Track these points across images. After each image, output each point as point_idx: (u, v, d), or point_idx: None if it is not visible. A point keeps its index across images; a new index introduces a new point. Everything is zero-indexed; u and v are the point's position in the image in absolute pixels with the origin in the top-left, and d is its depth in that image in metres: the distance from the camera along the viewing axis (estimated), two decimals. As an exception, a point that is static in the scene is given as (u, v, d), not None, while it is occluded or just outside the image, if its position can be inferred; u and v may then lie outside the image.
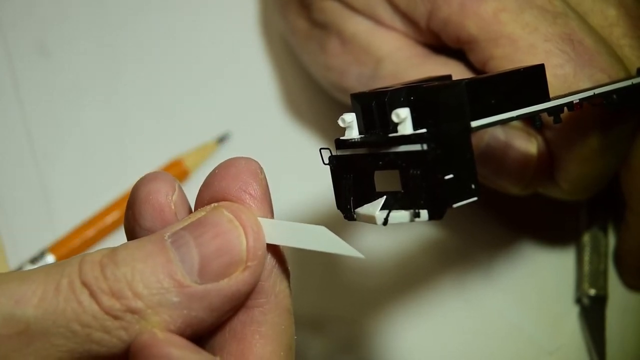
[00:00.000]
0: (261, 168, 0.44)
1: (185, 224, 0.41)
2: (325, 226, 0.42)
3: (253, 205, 0.43)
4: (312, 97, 0.70)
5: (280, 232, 0.42)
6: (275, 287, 0.43)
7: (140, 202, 0.43)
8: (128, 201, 0.44)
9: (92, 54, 0.73)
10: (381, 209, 0.42)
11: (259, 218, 0.42)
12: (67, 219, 0.67)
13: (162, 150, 0.69)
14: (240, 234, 0.41)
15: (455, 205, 0.41)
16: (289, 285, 0.44)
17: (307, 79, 0.68)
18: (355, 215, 0.44)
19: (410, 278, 0.64)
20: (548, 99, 0.45)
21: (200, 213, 0.42)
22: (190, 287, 0.40)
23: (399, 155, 0.42)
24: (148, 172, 0.66)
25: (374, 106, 0.44)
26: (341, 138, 0.45)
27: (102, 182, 0.69)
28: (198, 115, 0.71)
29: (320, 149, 0.44)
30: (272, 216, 0.43)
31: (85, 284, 0.39)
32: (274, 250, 0.43)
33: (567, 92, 0.48)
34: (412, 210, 0.41)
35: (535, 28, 0.53)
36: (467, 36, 0.55)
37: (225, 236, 0.41)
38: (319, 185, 0.49)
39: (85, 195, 0.68)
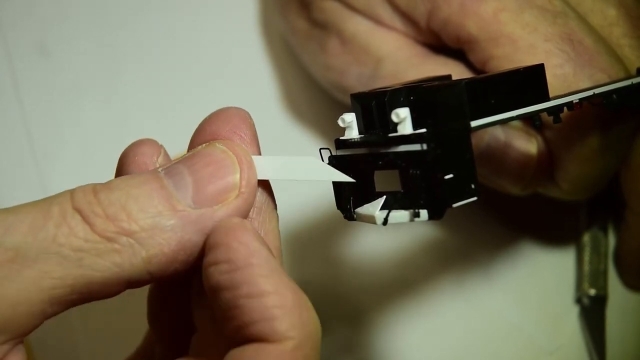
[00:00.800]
0: (250, 115, 0.46)
1: (179, 158, 0.42)
2: (325, 226, 0.42)
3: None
4: (312, 97, 0.70)
5: (270, 166, 0.43)
6: (265, 224, 0.44)
7: (127, 165, 0.44)
8: (117, 166, 0.45)
9: (92, 54, 0.73)
10: (381, 208, 0.42)
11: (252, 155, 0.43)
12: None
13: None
14: (234, 162, 0.42)
15: (455, 205, 0.41)
16: (278, 226, 0.44)
17: (307, 78, 0.68)
18: (355, 215, 0.44)
19: (410, 278, 0.65)
20: (548, 99, 0.45)
21: (195, 150, 0.43)
22: (184, 211, 0.40)
23: (398, 155, 0.42)
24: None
25: (373, 106, 0.44)
26: (341, 138, 0.45)
27: (102, 182, 0.69)
28: (198, 115, 0.71)
29: (320, 149, 0.44)
30: None
31: (77, 209, 0.39)
32: (263, 186, 0.44)
33: (566, 92, 0.48)
34: (412, 210, 0.41)
35: (535, 28, 0.53)
36: (467, 36, 0.55)
37: (219, 163, 0.42)
38: (319, 185, 0.49)
39: (85, 195, 0.68)
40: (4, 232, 0.38)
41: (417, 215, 0.41)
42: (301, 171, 0.43)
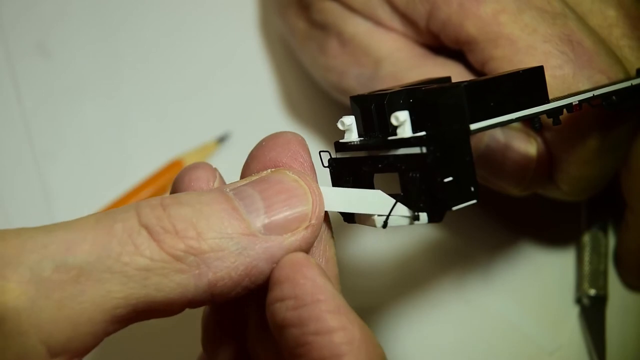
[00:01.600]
0: (305, 141, 0.44)
1: (247, 181, 0.41)
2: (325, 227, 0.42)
3: None
4: (312, 97, 0.70)
5: (337, 198, 0.43)
6: (325, 253, 0.43)
7: (184, 190, 0.44)
8: (171, 191, 0.44)
9: (92, 54, 0.73)
10: (380, 211, 0.42)
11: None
12: (67, 219, 0.66)
13: (162, 150, 0.69)
14: (307, 192, 0.41)
15: (454, 208, 0.41)
16: (335, 254, 0.44)
17: (307, 79, 0.68)
18: (355, 218, 0.44)
19: (410, 279, 0.64)
20: (547, 101, 0.45)
21: (261, 174, 0.42)
22: (255, 236, 0.39)
23: (398, 158, 0.42)
24: (148, 172, 0.67)
25: (373, 109, 0.44)
26: (340, 141, 0.45)
27: (102, 182, 0.69)
28: (198, 115, 0.71)
29: (320, 151, 0.44)
30: None
31: (144, 226, 0.38)
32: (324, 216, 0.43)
33: (566, 93, 0.48)
34: (411, 213, 0.41)
35: (535, 29, 0.53)
36: (467, 37, 0.55)
37: (292, 192, 0.41)
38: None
39: (85, 195, 0.68)
40: (66, 251, 0.37)
41: (417, 218, 0.41)
42: (367, 204, 0.42)
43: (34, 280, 0.37)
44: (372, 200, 0.42)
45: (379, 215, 0.42)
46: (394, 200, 0.42)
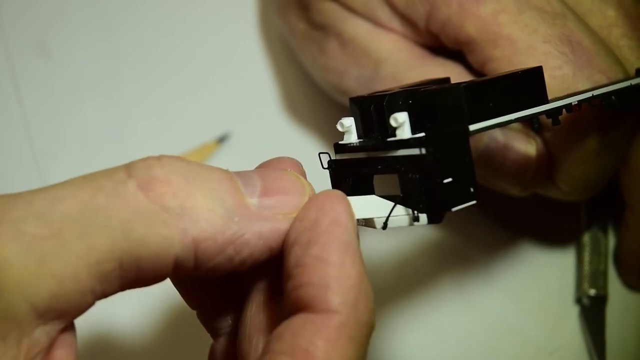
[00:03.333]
0: (301, 164, 0.44)
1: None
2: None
3: None
4: (312, 98, 0.70)
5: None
6: None
7: None
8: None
9: (92, 54, 0.73)
10: (380, 212, 0.42)
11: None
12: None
13: (162, 150, 0.68)
14: (305, 185, 0.41)
15: (454, 209, 0.41)
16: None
17: (307, 79, 0.68)
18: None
19: (409, 280, 0.65)
20: (547, 101, 0.45)
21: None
22: (247, 207, 0.39)
23: (397, 159, 0.42)
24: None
25: (372, 110, 0.44)
26: (340, 142, 0.45)
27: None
28: (198, 115, 0.71)
29: (320, 153, 0.44)
30: None
31: (134, 176, 0.38)
32: None
33: (565, 93, 0.48)
34: (411, 214, 0.41)
35: (534, 29, 0.53)
36: (466, 37, 0.55)
37: (291, 181, 0.41)
38: (319, 186, 0.49)
39: (85, 195, 0.68)
40: (50, 206, 0.37)
41: (417, 219, 0.41)
42: (364, 209, 0.42)
43: (16, 236, 0.36)
44: (369, 206, 0.42)
45: (378, 217, 0.42)
46: (388, 203, 0.42)
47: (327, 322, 0.38)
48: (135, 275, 0.38)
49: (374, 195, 0.43)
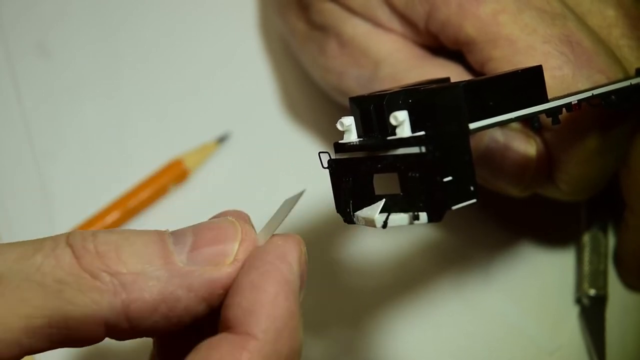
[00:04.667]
0: (249, 217, 0.45)
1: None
2: (325, 230, 0.42)
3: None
4: (312, 98, 0.70)
5: (266, 231, 0.43)
6: None
7: None
8: None
9: (92, 54, 0.73)
10: (380, 212, 0.42)
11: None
12: (67, 219, 0.67)
13: (162, 150, 0.69)
14: (238, 231, 0.42)
15: (454, 208, 0.41)
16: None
17: (307, 80, 0.68)
18: (354, 219, 0.44)
19: (409, 280, 0.64)
20: (546, 100, 0.45)
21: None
22: (174, 265, 0.41)
23: (397, 158, 0.42)
24: (148, 172, 0.68)
25: (372, 109, 0.44)
26: (340, 142, 0.45)
27: (102, 182, 0.69)
28: (198, 115, 0.71)
29: (319, 152, 0.44)
30: None
31: (69, 244, 0.40)
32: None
33: (565, 93, 0.48)
34: (411, 213, 0.41)
35: (534, 29, 0.53)
36: (466, 37, 0.55)
37: (223, 229, 0.42)
38: (318, 186, 0.50)
39: (85, 195, 0.68)
40: None
41: (417, 218, 0.41)
42: (285, 211, 0.44)
43: None
44: (286, 207, 0.43)
45: (378, 215, 0.42)
46: (297, 195, 0.43)
47: (243, 344, 0.39)
48: (65, 334, 0.40)
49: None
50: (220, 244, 0.42)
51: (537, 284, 0.65)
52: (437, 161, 0.40)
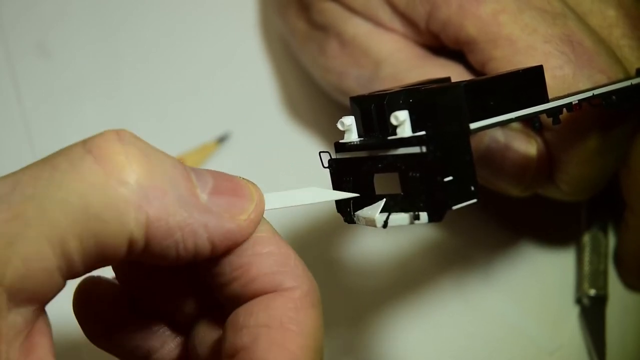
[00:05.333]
0: None
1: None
2: (325, 229, 0.42)
3: None
4: (312, 98, 0.70)
5: (278, 199, 0.44)
6: None
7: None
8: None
9: (92, 54, 0.73)
10: (381, 211, 0.42)
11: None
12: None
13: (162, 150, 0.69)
14: (253, 192, 0.42)
15: (454, 208, 0.41)
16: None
17: (307, 79, 0.68)
18: (355, 218, 0.44)
19: (410, 280, 0.65)
20: (547, 100, 0.45)
21: None
22: (197, 198, 0.40)
23: (398, 157, 0.42)
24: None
25: (372, 109, 0.44)
26: (340, 141, 0.45)
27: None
28: (198, 115, 0.71)
29: (320, 152, 0.44)
30: None
31: (89, 151, 0.38)
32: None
33: (566, 93, 0.48)
34: (411, 213, 0.41)
35: (535, 29, 0.53)
36: (466, 37, 0.55)
37: (240, 185, 0.42)
38: (319, 186, 0.49)
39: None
40: (11, 190, 0.37)
41: (417, 217, 0.41)
42: (304, 198, 0.44)
43: None
44: (307, 193, 0.44)
45: (379, 214, 0.42)
46: (327, 190, 0.44)
47: (292, 296, 0.41)
48: (94, 252, 0.38)
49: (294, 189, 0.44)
50: (238, 197, 0.41)
51: (537, 284, 0.65)
52: (438, 161, 0.40)
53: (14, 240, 0.36)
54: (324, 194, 0.44)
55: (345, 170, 0.44)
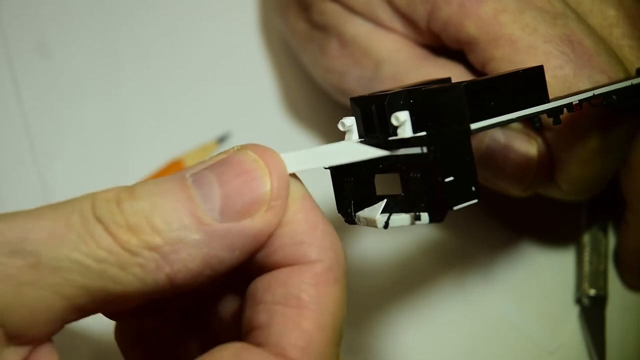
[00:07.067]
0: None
1: (209, 164, 0.41)
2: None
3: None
4: (312, 98, 0.70)
5: (304, 159, 0.42)
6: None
7: None
8: None
9: (92, 54, 0.73)
10: (382, 212, 0.42)
11: (282, 154, 0.42)
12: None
13: (162, 150, 0.69)
14: (265, 173, 0.40)
15: (455, 208, 0.41)
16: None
17: (307, 80, 0.68)
18: (356, 219, 0.44)
19: (411, 280, 0.65)
20: (547, 100, 0.45)
21: (223, 155, 0.41)
22: (211, 225, 0.39)
23: (398, 158, 0.42)
24: (148, 172, 0.68)
25: (373, 110, 0.44)
26: (341, 142, 0.45)
27: (102, 182, 0.68)
28: (198, 115, 0.71)
29: None
30: None
31: (99, 219, 0.38)
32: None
33: (566, 93, 0.48)
34: (412, 214, 0.41)
35: (535, 29, 0.53)
36: (467, 37, 0.55)
37: (249, 175, 0.40)
38: (319, 187, 0.49)
39: (85, 196, 0.68)
40: (24, 238, 0.37)
41: (418, 218, 0.41)
42: (335, 156, 0.42)
43: None
44: (340, 150, 0.42)
45: (380, 215, 0.42)
46: (359, 145, 0.42)
47: (314, 271, 0.40)
48: (107, 306, 0.39)
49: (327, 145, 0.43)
50: (250, 192, 0.40)
51: (537, 284, 0.65)
52: (439, 161, 0.40)
53: (24, 291, 0.37)
54: (356, 151, 0.42)
55: (346, 171, 0.44)
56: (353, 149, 0.42)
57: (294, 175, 0.42)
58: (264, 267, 0.41)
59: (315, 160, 0.42)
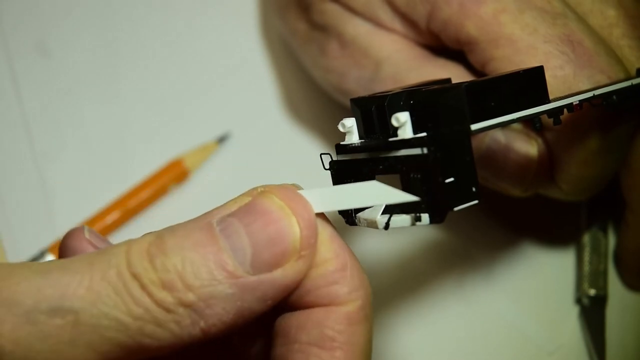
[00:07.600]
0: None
1: (233, 209, 0.40)
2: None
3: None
4: (312, 98, 0.70)
5: (329, 198, 0.41)
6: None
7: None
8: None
9: (92, 54, 0.73)
10: (382, 213, 0.42)
11: (304, 191, 0.42)
12: (67, 219, 0.67)
13: (162, 150, 0.69)
14: (293, 222, 0.40)
15: (456, 209, 0.41)
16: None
17: (307, 80, 0.68)
18: (356, 220, 0.44)
19: (411, 280, 0.65)
20: (548, 101, 0.45)
21: (247, 198, 0.41)
22: (243, 278, 0.39)
23: (399, 159, 0.42)
24: (148, 172, 0.67)
25: (373, 110, 0.44)
26: (341, 143, 0.45)
27: (102, 182, 0.69)
28: (198, 115, 0.71)
29: (321, 154, 0.44)
30: None
31: (135, 276, 0.38)
32: None
33: (566, 93, 0.48)
34: (413, 214, 0.41)
35: (535, 29, 0.53)
36: (467, 37, 0.55)
37: (278, 225, 0.40)
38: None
39: (85, 195, 0.68)
40: (61, 295, 0.38)
41: (419, 219, 0.41)
42: (362, 198, 0.41)
43: (30, 324, 0.37)
44: (367, 191, 0.41)
45: (380, 216, 0.42)
46: (390, 188, 0.41)
47: (348, 311, 0.40)
48: (140, 355, 0.39)
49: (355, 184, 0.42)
50: (279, 244, 0.40)
51: (537, 284, 0.65)
52: (439, 162, 0.40)
53: (63, 348, 0.37)
54: (387, 193, 0.40)
55: (347, 172, 0.44)
56: (382, 191, 0.41)
57: (320, 214, 0.42)
58: (294, 306, 0.41)
59: (341, 200, 0.41)
